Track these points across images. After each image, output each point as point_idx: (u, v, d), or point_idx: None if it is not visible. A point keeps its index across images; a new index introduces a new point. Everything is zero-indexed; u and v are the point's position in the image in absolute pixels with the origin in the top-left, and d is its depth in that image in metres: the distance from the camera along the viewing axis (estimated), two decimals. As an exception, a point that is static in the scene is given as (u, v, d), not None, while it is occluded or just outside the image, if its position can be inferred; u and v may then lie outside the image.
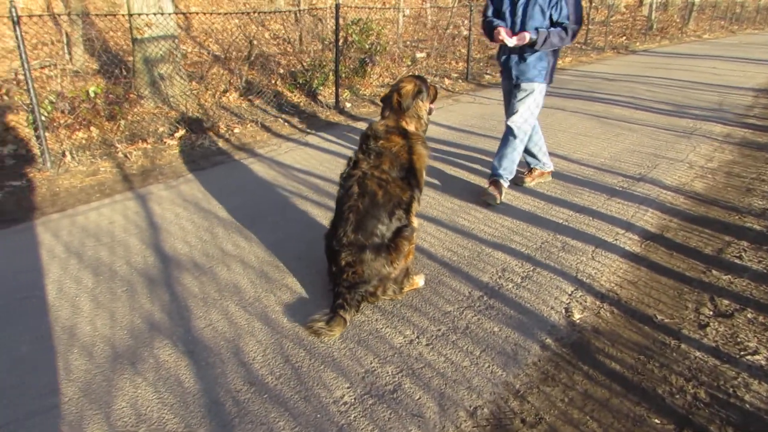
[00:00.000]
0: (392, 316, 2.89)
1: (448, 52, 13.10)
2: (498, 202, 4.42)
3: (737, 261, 3.53)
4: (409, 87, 3.19)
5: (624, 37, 18.89)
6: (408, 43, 13.97)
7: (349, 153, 3.15)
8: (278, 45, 11.07)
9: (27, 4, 11.12)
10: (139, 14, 6.64)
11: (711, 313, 3.00)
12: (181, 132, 6.33)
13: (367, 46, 8.85)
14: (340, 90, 8.24)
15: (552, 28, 4.08)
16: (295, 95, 8.44)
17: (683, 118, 7.50)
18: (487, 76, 11.41)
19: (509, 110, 4.57)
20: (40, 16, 6.96)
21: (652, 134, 6.65)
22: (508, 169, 4.51)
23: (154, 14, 6.66)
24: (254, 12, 10.06)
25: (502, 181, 4.50)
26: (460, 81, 10.80)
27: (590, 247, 3.71)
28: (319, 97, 8.56)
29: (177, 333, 2.71)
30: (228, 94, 8.21)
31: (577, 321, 2.89)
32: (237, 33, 9.10)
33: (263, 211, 4.23)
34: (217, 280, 3.22)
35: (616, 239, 3.82)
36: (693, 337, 2.78)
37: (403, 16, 14.83)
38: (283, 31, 10.60)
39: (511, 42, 4.06)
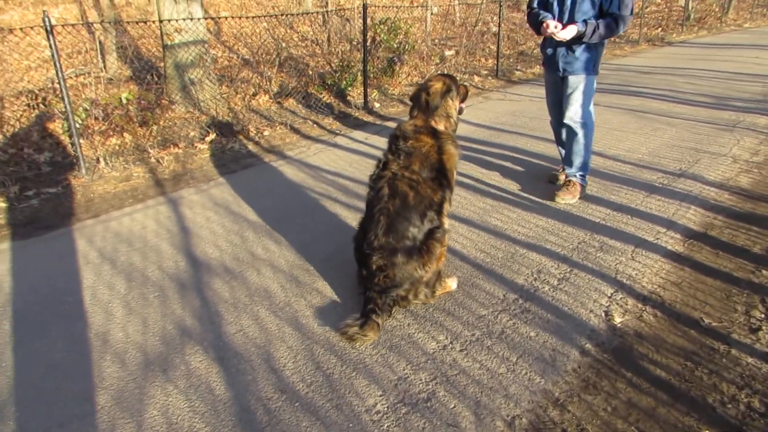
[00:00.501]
0: (425, 321, 2.81)
1: (477, 49, 12.93)
2: (570, 201, 4.32)
3: (789, 260, 3.34)
4: (437, 86, 3.11)
5: (660, 29, 18.36)
6: (437, 41, 13.86)
7: (378, 154, 3.10)
8: (306, 47, 11.10)
9: (62, 14, 11.43)
10: (170, 20, 6.72)
11: (763, 315, 2.84)
12: (212, 136, 6.38)
13: (395, 45, 8.79)
14: (368, 90, 8.20)
15: (601, 19, 3.92)
16: (323, 96, 8.43)
17: (725, 111, 7.21)
18: (517, 73, 11.21)
19: (555, 105, 4.45)
20: (73, 25, 7.10)
21: (693, 128, 6.40)
22: (580, 165, 4.36)
23: (184, 20, 6.73)
24: (282, 14, 10.12)
25: (575, 179, 4.38)
26: (490, 78, 10.64)
27: (630, 246, 3.56)
28: (348, 98, 8.54)
29: (208, 339, 2.70)
30: (257, 97, 8.25)
31: (618, 325, 2.77)
32: (265, 36, 9.15)
33: (292, 214, 4.21)
34: (248, 285, 3.20)
35: (657, 238, 3.67)
36: (744, 341, 2.63)
37: (431, 14, 14.73)
38: (311, 33, 10.63)
39: (561, 35, 3.90)
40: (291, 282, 3.22)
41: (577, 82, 4.18)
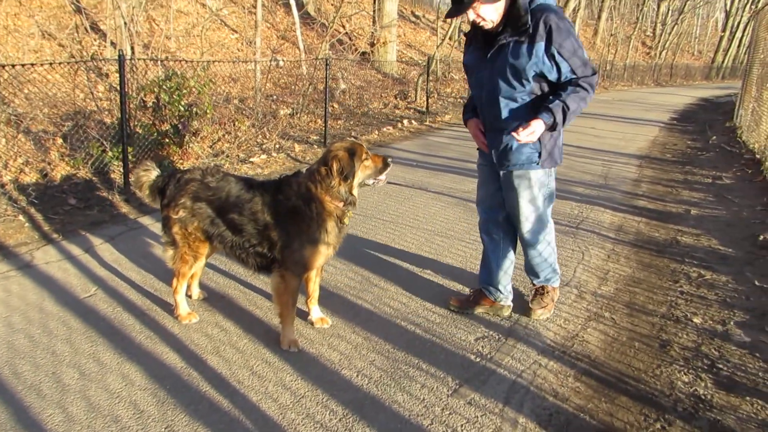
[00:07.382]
0: None
1: (317, 108, 11.42)
2: (544, 316, 3.46)
3: None
4: None
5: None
6: (275, 97, 12.19)
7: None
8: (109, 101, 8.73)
9: None
10: None
11: None
12: None
13: (182, 108, 6.82)
14: (130, 167, 6.10)
15: (564, 93, 2.85)
16: (80, 172, 6.20)
17: (567, 201, 6.14)
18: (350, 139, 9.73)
19: (486, 201, 3.45)
20: None
21: (530, 231, 5.13)
22: (547, 275, 3.46)
23: None
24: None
25: (547, 285, 3.50)
26: (315, 147, 9.04)
27: None
28: (112, 175, 6.39)
29: None
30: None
31: None
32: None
33: None
34: None
35: None
36: None
37: (278, 66, 13.07)
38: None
39: (526, 138, 2.83)
40: None
41: (520, 180, 3.13)
